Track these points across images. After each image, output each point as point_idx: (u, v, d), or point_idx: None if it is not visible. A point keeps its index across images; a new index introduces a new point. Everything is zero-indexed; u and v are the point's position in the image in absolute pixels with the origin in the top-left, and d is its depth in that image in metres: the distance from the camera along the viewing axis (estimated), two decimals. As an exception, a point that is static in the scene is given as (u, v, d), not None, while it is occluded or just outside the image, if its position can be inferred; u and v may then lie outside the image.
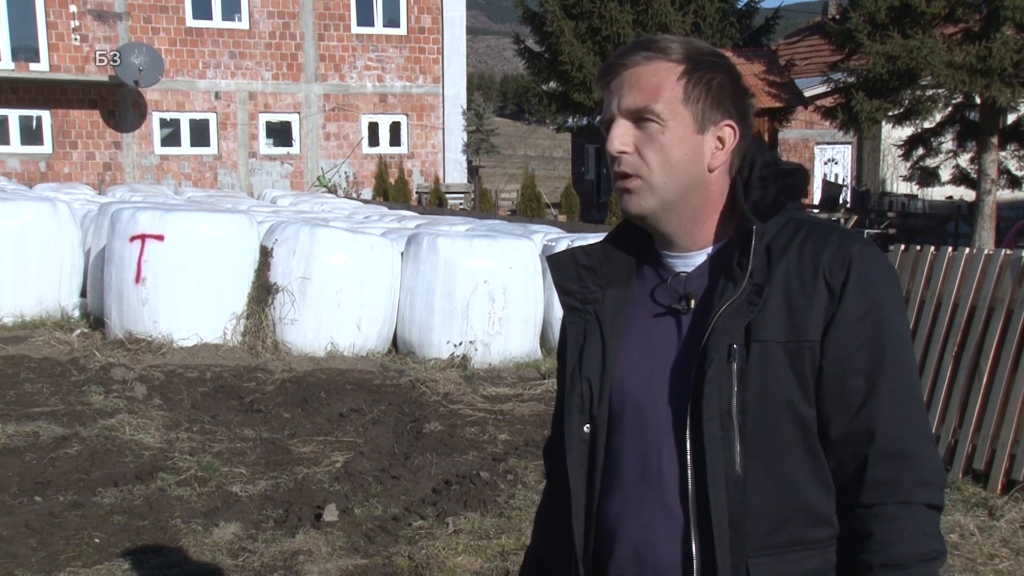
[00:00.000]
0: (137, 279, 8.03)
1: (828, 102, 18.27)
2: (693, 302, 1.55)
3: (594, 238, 8.79)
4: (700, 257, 1.58)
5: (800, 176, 1.58)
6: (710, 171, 1.55)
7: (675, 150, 1.52)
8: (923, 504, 1.46)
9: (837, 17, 19.73)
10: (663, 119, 1.52)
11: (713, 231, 1.58)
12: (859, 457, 1.47)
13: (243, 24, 23.04)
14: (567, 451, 1.62)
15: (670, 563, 1.52)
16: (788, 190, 1.56)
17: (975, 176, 17.61)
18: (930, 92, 16.80)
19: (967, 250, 5.71)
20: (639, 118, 1.53)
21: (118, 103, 22.07)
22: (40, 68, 21.39)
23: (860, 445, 1.47)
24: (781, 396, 1.47)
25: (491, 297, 8.20)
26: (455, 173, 24.90)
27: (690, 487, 1.49)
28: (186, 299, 8.05)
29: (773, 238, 1.51)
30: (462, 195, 24.00)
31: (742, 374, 1.47)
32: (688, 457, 1.49)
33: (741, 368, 1.47)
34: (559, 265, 1.67)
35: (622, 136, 1.54)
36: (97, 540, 4.51)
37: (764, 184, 1.55)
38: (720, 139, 1.55)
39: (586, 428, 1.60)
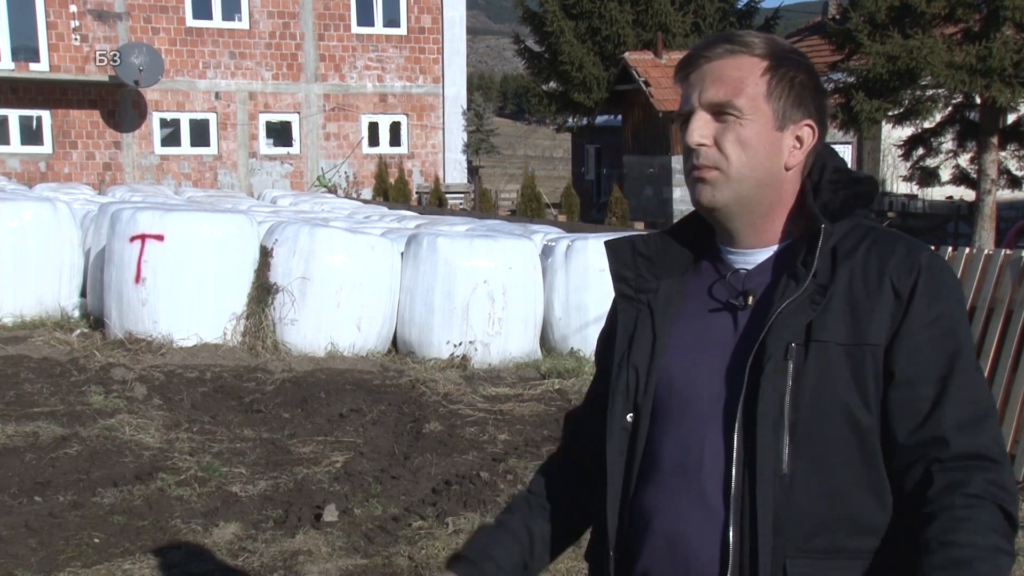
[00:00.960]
0: (137, 279, 8.03)
1: (828, 102, 18.26)
2: (751, 299, 1.54)
3: (594, 238, 8.79)
4: (762, 255, 1.57)
5: (870, 185, 1.57)
6: (786, 169, 1.54)
7: (754, 145, 1.51)
8: (995, 504, 1.39)
9: (837, 17, 19.74)
10: (744, 114, 1.50)
11: (778, 231, 1.57)
12: (929, 463, 1.42)
13: (243, 24, 23.04)
14: (608, 438, 1.59)
15: (704, 556, 1.49)
16: (858, 197, 1.54)
17: (975, 176, 17.62)
18: (930, 92, 16.81)
19: (967, 250, 5.71)
20: (720, 112, 1.52)
21: (118, 103, 22.07)
22: (40, 68, 21.39)
23: (931, 451, 1.42)
24: (837, 398, 1.45)
25: (491, 297, 8.20)
26: (455, 173, 24.90)
27: (734, 483, 1.47)
28: (186, 299, 8.05)
29: (839, 241, 1.50)
30: (462, 195, 24.01)
31: (798, 373, 1.45)
32: (735, 453, 1.47)
33: (798, 367, 1.45)
34: (616, 251, 1.66)
35: (701, 129, 1.52)
36: (97, 540, 4.51)
37: (835, 188, 1.54)
38: (799, 138, 1.54)
39: (629, 417, 1.58)
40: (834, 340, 1.45)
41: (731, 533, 1.47)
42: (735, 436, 1.47)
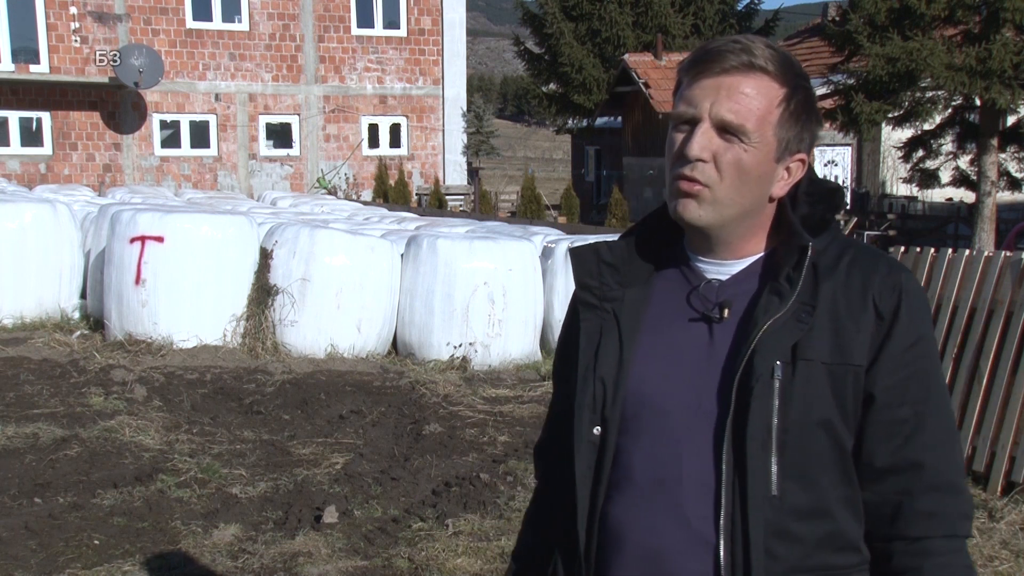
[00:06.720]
0: (137, 281, 8.03)
1: (828, 104, 18.26)
2: (727, 311, 1.51)
3: (594, 240, 8.77)
4: (736, 266, 1.55)
5: (840, 196, 1.58)
6: (770, 200, 1.53)
7: (752, 172, 1.48)
8: (964, 538, 1.47)
9: (837, 19, 19.74)
10: (752, 141, 1.47)
11: (754, 245, 1.55)
12: (905, 488, 1.47)
13: (243, 26, 23.05)
14: (575, 453, 1.56)
15: (688, 573, 1.48)
16: (833, 209, 1.54)
17: (975, 178, 17.62)
18: (930, 94, 16.80)
19: (967, 252, 5.71)
20: (727, 130, 1.47)
21: (118, 105, 22.08)
22: (40, 70, 21.39)
23: (907, 476, 1.47)
24: (821, 417, 1.46)
25: (491, 299, 8.20)
26: (455, 175, 24.90)
27: (723, 504, 1.45)
28: (186, 301, 8.05)
29: (819, 256, 1.49)
30: (462, 197, 24.01)
31: (784, 392, 1.44)
32: (724, 474, 1.45)
33: (785, 386, 1.44)
34: (581, 260, 1.61)
35: (705, 143, 1.47)
36: (97, 542, 4.51)
37: (811, 201, 1.53)
38: (788, 170, 1.52)
39: (596, 430, 1.55)
40: (819, 359, 1.45)
41: (722, 555, 1.45)
42: (723, 456, 1.45)
